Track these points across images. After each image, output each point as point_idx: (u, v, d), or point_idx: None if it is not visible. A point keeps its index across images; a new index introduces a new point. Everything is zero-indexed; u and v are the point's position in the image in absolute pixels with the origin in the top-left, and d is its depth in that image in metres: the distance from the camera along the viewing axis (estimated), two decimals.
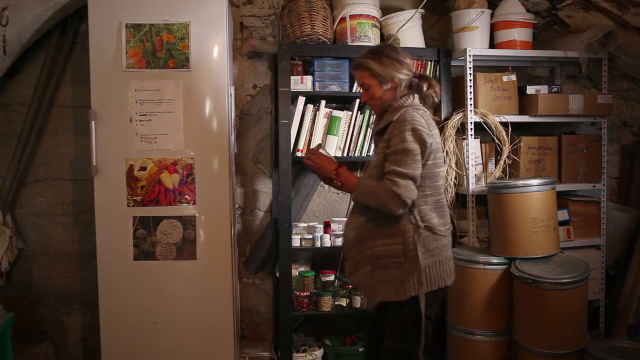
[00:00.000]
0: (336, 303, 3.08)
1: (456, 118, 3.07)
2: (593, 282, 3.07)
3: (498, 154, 3.11)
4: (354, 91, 3.13)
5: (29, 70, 3.16)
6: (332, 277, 3.14)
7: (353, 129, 3.12)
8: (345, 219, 3.30)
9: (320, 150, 2.25)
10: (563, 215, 3.10)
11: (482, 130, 3.06)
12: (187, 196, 2.73)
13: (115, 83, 2.70)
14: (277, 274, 3.07)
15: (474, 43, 3.12)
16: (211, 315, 2.78)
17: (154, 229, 2.73)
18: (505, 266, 2.76)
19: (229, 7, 2.91)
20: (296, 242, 3.08)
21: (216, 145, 2.77)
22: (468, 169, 3.05)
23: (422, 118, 2.08)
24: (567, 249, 3.03)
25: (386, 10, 3.26)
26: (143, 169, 2.72)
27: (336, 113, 3.09)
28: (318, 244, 3.09)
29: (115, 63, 2.69)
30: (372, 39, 3.13)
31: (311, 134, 3.08)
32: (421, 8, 3.18)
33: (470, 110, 3.04)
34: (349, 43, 3.09)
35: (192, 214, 2.75)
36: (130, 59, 2.70)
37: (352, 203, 2.20)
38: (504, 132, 3.04)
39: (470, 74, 3.04)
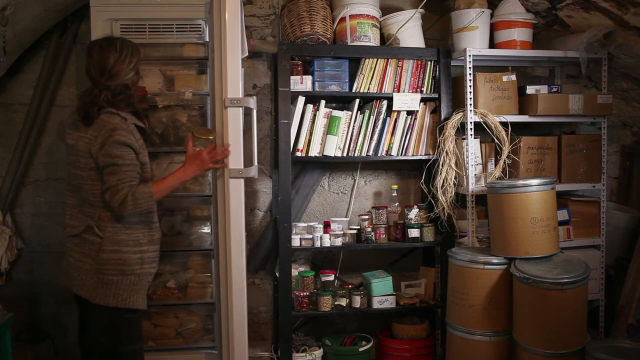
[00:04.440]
0: (336, 303, 3.08)
1: (456, 118, 3.07)
2: (593, 282, 3.07)
3: (498, 154, 3.11)
4: (353, 91, 3.13)
5: (29, 70, 3.15)
6: (332, 277, 3.14)
7: (353, 129, 3.12)
8: (346, 219, 3.34)
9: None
10: (563, 215, 3.10)
11: (482, 130, 3.06)
12: None
13: None
14: (277, 274, 3.07)
15: (474, 43, 3.12)
16: None
17: None
18: (505, 266, 2.75)
19: None
20: (296, 242, 3.08)
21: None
22: (468, 169, 3.05)
23: None
24: (567, 249, 3.03)
25: (386, 10, 3.26)
26: None
27: (336, 113, 3.09)
28: (318, 244, 3.09)
29: None
30: (372, 38, 3.13)
31: (311, 134, 3.08)
32: (421, 8, 3.18)
33: (470, 110, 3.04)
34: (349, 43, 3.10)
35: None
36: None
37: None
38: (503, 132, 3.04)
39: (470, 73, 3.04)
